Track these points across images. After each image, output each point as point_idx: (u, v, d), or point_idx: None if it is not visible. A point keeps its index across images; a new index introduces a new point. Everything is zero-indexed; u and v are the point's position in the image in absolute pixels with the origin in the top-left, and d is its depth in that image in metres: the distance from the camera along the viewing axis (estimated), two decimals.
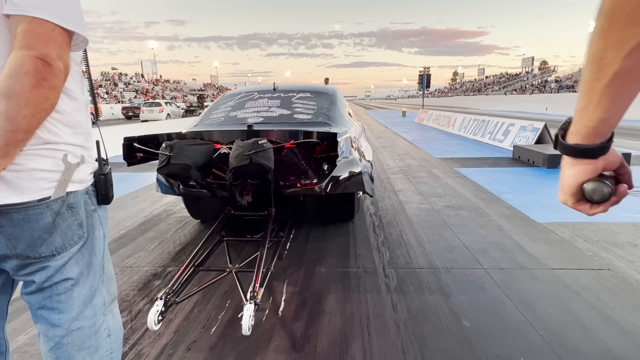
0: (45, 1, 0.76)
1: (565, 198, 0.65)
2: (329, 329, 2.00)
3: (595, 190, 0.60)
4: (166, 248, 3.16)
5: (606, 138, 0.57)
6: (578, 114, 0.57)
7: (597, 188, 0.60)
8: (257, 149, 2.25)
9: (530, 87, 51.51)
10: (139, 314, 2.17)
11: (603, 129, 0.56)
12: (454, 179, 5.53)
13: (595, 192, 0.60)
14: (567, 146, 0.61)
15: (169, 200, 4.66)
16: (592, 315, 2.05)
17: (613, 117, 0.54)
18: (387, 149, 8.96)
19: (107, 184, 1.00)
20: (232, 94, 4.06)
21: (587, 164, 0.60)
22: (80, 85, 0.94)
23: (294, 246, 3.13)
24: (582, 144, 0.58)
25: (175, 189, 2.95)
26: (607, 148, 0.58)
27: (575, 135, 0.59)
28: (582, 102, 0.56)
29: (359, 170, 2.93)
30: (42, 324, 0.94)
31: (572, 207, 0.66)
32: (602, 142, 0.57)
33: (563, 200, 0.66)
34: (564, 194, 0.65)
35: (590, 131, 0.56)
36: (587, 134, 0.57)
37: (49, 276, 0.90)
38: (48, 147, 0.84)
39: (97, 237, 1.00)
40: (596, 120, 0.55)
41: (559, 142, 0.62)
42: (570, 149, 0.60)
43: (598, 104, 0.53)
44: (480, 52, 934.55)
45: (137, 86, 50.91)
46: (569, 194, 0.63)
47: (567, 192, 0.64)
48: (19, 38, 0.74)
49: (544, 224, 3.49)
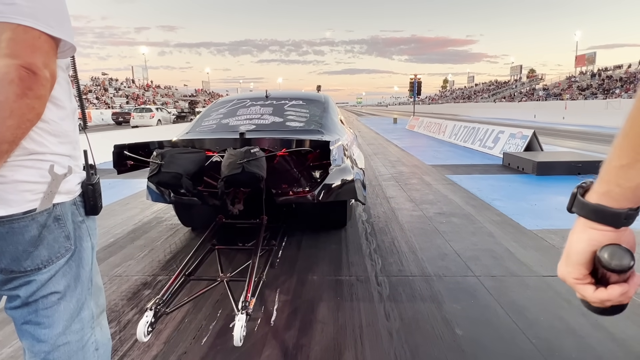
0: (31, 8, 0.74)
1: (569, 270, 0.54)
2: (321, 339, 1.98)
3: (614, 254, 0.49)
4: (156, 256, 3.11)
5: (636, 205, 0.49)
6: (615, 172, 0.48)
7: (615, 252, 0.49)
8: (250, 157, 2.24)
9: (519, 95, 52.32)
10: (128, 325, 2.13)
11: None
12: (445, 186, 5.57)
13: (614, 257, 0.49)
14: (588, 206, 0.51)
15: (159, 207, 4.60)
16: (583, 323, 2.06)
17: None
18: (379, 156, 9.00)
19: (95, 194, 0.98)
20: (224, 101, 4.05)
21: (607, 230, 0.50)
22: (68, 92, 0.92)
23: (286, 254, 3.11)
24: (608, 206, 0.49)
25: (166, 196, 2.92)
26: (632, 218, 0.49)
27: (602, 195, 0.50)
28: (624, 159, 0.47)
29: (351, 178, 2.93)
30: (27, 340, 0.91)
31: (573, 284, 0.54)
32: (630, 209, 0.48)
33: (564, 273, 0.55)
34: (568, 263, 0.54)
35: (627, 193, 0.48)
36: (620, 196, 0.48)
37: (34, 290, 0.87)
38: (33, 157, 0.82)
39: (85, 248, 0.97)
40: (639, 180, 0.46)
41: (577, 200, 0.53)
42: (592, 210, 0.51)
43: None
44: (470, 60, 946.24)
45: (127, 91, 50.53)
46: (577, 262, 0.53)
47: (574, 261, 0.53)
48: (2, 46, 0.72)
49: (534, 231, 3.52)
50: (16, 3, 0.72)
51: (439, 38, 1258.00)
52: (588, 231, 0.52)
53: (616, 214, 0.49)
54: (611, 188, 0.49)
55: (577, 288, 0.54)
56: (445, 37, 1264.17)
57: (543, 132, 14.91)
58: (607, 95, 32.51)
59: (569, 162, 6.17)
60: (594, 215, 0.51)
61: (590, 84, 40.15)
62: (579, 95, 36.84)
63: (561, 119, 24.70)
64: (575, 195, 0.53)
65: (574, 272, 0.53)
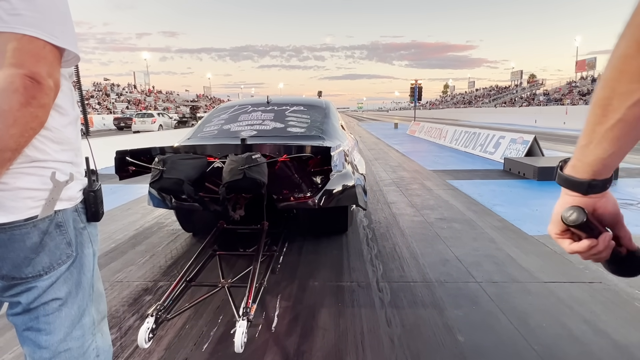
0: (36, 18, 0.75)
1: (551, 226, 0.67)
2: (322, 345, 1.97)
3: (570, 212, 0.61)
4: (157, 262, 3.11)
5: (599, 177, 0.60)
6: (578, 150, 0.61)
7: (572, 211, 0.60)
8: (251, 163, 2.25)
9: (519, 100, 52.39)
10: (129, 331, 2.12)
11: (597, 167, 0.59)
12: (446, 191, 5.56)
13: (570, 215, 0.60)
14: (562, 176, 0.64)
15: (160, 212, 4.61)
16: (585, 329, 2.05)
17: (609, 158, 0.58)
18: (380, 161, 9.00)
19: (97, 201, 0.98)
20: (225, 107, 4.07)
21: (575, 196, 0.63)
22: (71, 100, 0.92)
23: (287, 260, 3.10)
24: (575, 176, 0.62)
25: (168, 202, 2.93)
26: (596, 187, 0.61)
27: (571, 168, 0.63)
28: (583, 140, 0.60)
29: (352, 184, 2.93)
30: (29, 346, 0.91)
31: (555, 239, 0.67)
32: (592, 179, 0.60)
33: (549, 229, 0.68)
34: (551, 222, 0.67)
35: (585, 167, 0.60)
36: (581, 169, 0.61)
37: (35, 297, 0.87)
38: (35, 165, 0.82)
39: (86, 255, 0.97)
40: (593, 158, 0.58)
41: (557, 172, 0.66)
42: (563, 180, 0.64)
43: (598, 144, 0.57)
44: (470, 65, 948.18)
45: (129, 97, 50.77)
46: (554, 220, 0.66)
47: (554, 219, 0.66)
48: (8, 56, 0.73)
49: (536, 237, 3.51)
50: (21, 14, 0.73)
51: (438, 43, 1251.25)
52: (564, 197, 0.65)
53: (580, 183, 0.61)
54: (575, 163, 0.62)
55: (558, 241, 0.67)
56: (445, 43, 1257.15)
57: (544, 137, 14.91)
58: None
59: None
60: (566, 184, 0.63)
61: (590, 89, 40.20)
62: (580, 100, 36.86)
63: (562, 124, 24.70)
64: (557, 168, 0.67)
65: (554, 228, 0.66)
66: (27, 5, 0.74)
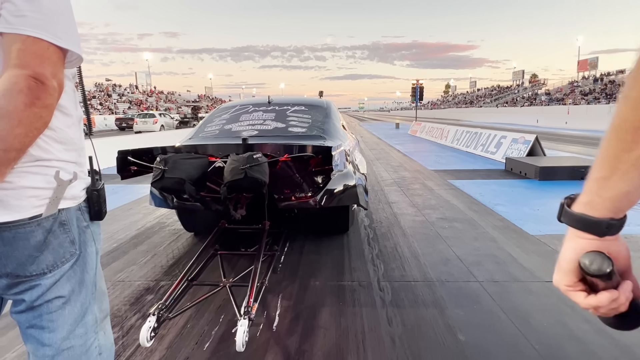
0: (40, 19, 0.76)
1: (560, 277, 0.56)
2: (323, 344, 1.98)
3: (593, 260, 0.51)
4: (159, 262, 3.12)
5: (618, 216, 0.51)
6: (595, 183, 0.51)
7: (595, 258, 0.51)
8: (252, 163, 2.25)
9: (521, 100, 52.30)
10: (131, 330, 2.13)
11: (620, 203, 0.50)
12: (447, 191, 5.56)
13: (594, 263, 0.51)
14: (573, 215, 0.54)
15: (162, 212, 4.62)
16: (587, 329, 2.05)
17: (636, 191, 0.49)
18: (381, 161, 9.00)
19: (100, 200, 0.99)
20: (227, 107, 4.08)
21: (590, 239, 0.53)
22: (74, 100, 0.93)
23: (288, 259, 3.11)
24: (590, 215, 0.52)
25: (169, 202, 2.93)
26: (614, 227, 0.52)
27: (584, 205, 0.53)
28: (602, 171, 0.50)
29: (353, 183, 2.94)
30: (32, 344, 0.92)
31: (565, 291, 0.56)
32: (611, 218, 0.51)
33: (557, 280, 0.57)
34: (559, 270, 0.56)
35: (605, 203, 0.51)
36: (600, 206, 0.51)
37: (39, 295, 0.88)
38: (39, 164, 0.83)
39: (89, 253, 0.98)
40: (616, 192, 0.49)
41: (564, 210, 0.56)
42: (575, 219, 0.54)
43: (624, 175, 0.48)
44: (471, 65, 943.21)
45: (131, 97, 50.87)
46: (565, 269, 0.55)
47: (564, 268, 0.55)
48: (12, 57, 0.74)
49: (537, 236, 3.51)
50: (26, 15, 0.74)
51: (440, 43, 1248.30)
52: (575, 239, 0.54)
53: (597, 223, 0.52)
54: (592, 198, 0.52)
55: (570, 295, 0.56)
56: (447, 43, 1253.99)
57: (545, 136, 14.89)
58: (609, 99, 32.45)
59: (571, 167, 6.15)
60: (578, 224, 0.53)
61: (592, 88, 40.12)
62: (582, 100, 36.79)
63: (564, 124, 24.67)
64: (563, 205, 0.56)
65: (564, 279, 0.56)
66: (31, 6, 0.74)
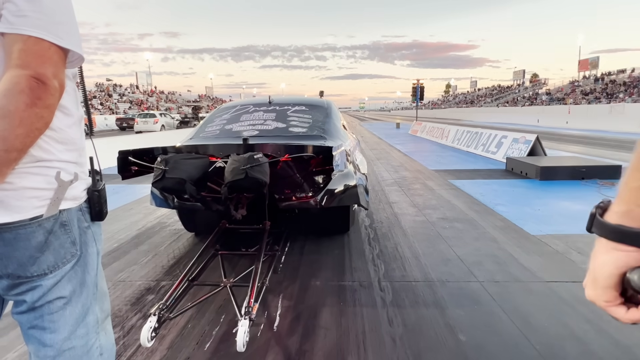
0: (41, 19, 0.76)
1: (599, 293, 0.53)
2: (324, 344, 1.98)
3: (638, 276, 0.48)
4: (160, 262, 3.13)
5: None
6: (634, 193, 0.48)
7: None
8: (253, 163, 2.25)
9: (522, 100, 52.24)
10: (132, 330, 2.14)
11: None
12: (448, 191, 5.56)
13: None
14: (608, 227, 0.50)
15: (163, 212, 4.62)
16: (587, 329, 2.05)
17: None
18: (382, 161, 9.00)
19: (100, 201, 0.99)
20: (227, 107, 4.08)
21: (632, 251, 0.49)
22: (75, 100, 0.93)
23: (288, 260, 3.11)
24: (630, 226, 0.48)
25: (170, 202, 2.94)
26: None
27: (622, 216, 0.49)
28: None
29: (354, 183, 2.94)
30: (33, 344, 0.92)
31: (605, 307, 0.53)
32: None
33: (594, 297, 0.54)
34: (596, 286, 0.53)
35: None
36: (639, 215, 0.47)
37: (40, 295, 0.88)
38: (40, 164, 0.83)
39: (90, 254, 0.98)
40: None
41: (596, 221, 0.52)
42: (612, 231, 0.50)
43: None
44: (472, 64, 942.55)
45: (131, 97, 50.89)
46: (605, 285, 0.52)
47: (603, 284, 0.52)
48: (14, 57, 0.74)
49: (538, 236, 3.51)
50: (27, 15, 0.74)
51: (440, 43, 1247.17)
52: (613, 252, 0.50)
53: (637, 234, 0.48)
54: (631, 208, 0.48)
55: (609, 310, 0.53)
56: (447, 42, 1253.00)
57: (546, 136, 14.87)
58: (610, 99, 32.42)
59: (572, 167, 6.14)
60: (616, 236, 0.50)
61: (593, 88, 40.07)
62: (583, 99, 36.75)
63: (564, 124, 24.64)
64: (594, 215, 0.53)
65: (604, 295, 0.53)
66: (32, 6, 0.75)
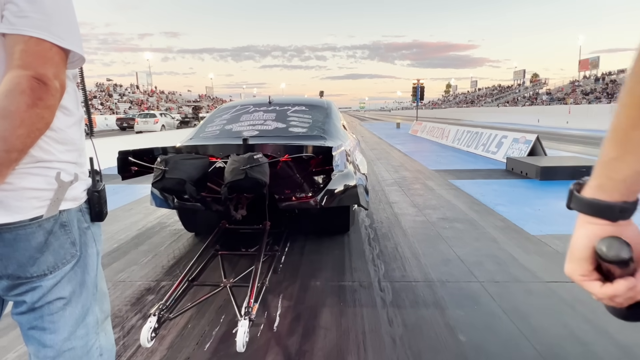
0: (43, 20, 0.76)
1: (574, 266, 0.54)
2: (324, 344, 1.98)
3: (611, 246, 0.48)
4: (160, 262, 3.13)
5: (631, 199, 0.49)
6: (605, 166, 0.50)
7: (612, 244, 0.48)
8: (253, 163, 2.25)
9: (522, 99, 52.23)
10: (132, 330, 2.14)
11: (632, 184, 0.49)
12: (448, 191, 5.56)
13: (611, 249, 0.48)
14: (583, 201, 0.52)
15: (163, 212, 4.62)
16: (587, 329, 2.05)
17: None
18: (382, 161, 9.00)
19: (100, 201, 0.99)
20: (227, 107, 4.08)
21: (604, 224, 0.50)
22: (75, 101, 0.93)
23: (288, 260, 3.11)
24: (602, 199, 0.50)
25: (170, 202, 2.94)
26: (628, 211, 0.50)
27: (595, 189, 0.51)
28: (612, 152, 0.49)
29: (354, 184, 2.94)
30: (33, 345, 0.92)
31: (580, 281, 0.54)
32: (624, 201, 0.49)
33: (570, 270, 0.55)
34: (572, 259, 0.54)
35: (618, 185, 0.49)
36: (611, 189, 0.49)
37: (40, 296, 0.88)
38: (40, 165, 0.83)
39: (90, 254, 0.98)
40: (628, 172, 0.48)
41: (573, 196, 0.54)
42: (586, 205, 0.52)
43: (635, 154, 0.47)
44: (472, 64, 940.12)
45: (132, 97, 50.90)
46: (579, 257, 0.53)
47: (577, 256, 0.53)
48: (15, 57, 0.74)
49: (538, 237, 3.51)
50: (28, 16, 0.74)
51: (440, 43, 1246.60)
52: (587, 226, 0.52)
53: (610, 207, 0.50)
54: (603, 181, 0.50)
55: (584, 285, 0.54)
56: (447, 42, 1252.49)
57: (546, 136, 14.87)
58: (611, 99, 32.39)
59: (572, 167, 6.14)
60: (590, 209, 0.51)
61: (594, 88, 40.06)
62: (583, 99, 36.73)
63: (565, 124, 24.63)
64: (572, 191, 0.54)
65: (578, 268, 0.53)
66: (34, 7, 0.75)
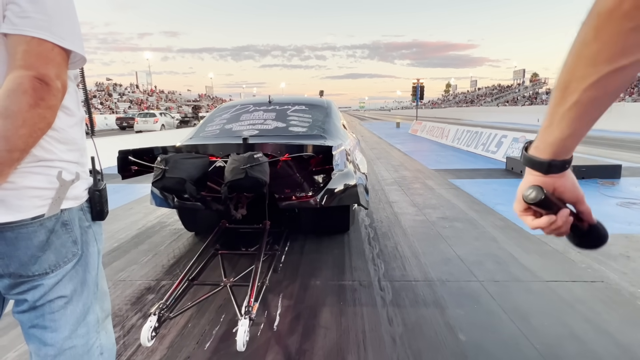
0: (44, 20, 0.76)
1: (516, 204, 0.71)
2: (324, 344, 1.98)
3: (530, 191, 0.64)
4: (160, 261, 3.13)
5: (559, 158, 0.64)
6: (541, 132, 0.65)
7: (532, 190, 0.64)
8: (253, 162, 2.26)
9: (522, 99, 52.23)
10: (132, 329, 2.14)
11: (557, 147, 0.63)
12: (448, 191, 5.56)
13: (530, 193, 0.64)
14: (525, 156, 0.68)
15: (163, 212, 4.62)
16: (587, 328, 2.05)
17: (568, 139, 0.61)
18: (382, 160, 9.00)
19: (102, 200, 1.00)
20: (227, 106, 4.08)
21: (537, 175, 0.66)
22: (76, 101, 0.94)
23: (288, 259, 3.11)
24: (537, 156, 0.65)
25: (170, 201, 2.94)
26: (555, 167, 0.64)
27: (534, 149, 0.66)
28: (545, 122, 0.63)
29: (354, 183, 2.94)
30: (34, 343, 0.92)
31: (519, 216, 0.71)
32: (552, 159, 0.64)
33: (514, 207, 0.72)
34: (516, 200, 0.71)
35: (547, 147, 0.64)
36: (543, 149, 0.64)
37: (41, 295, 0.89)
38: (42, 164, 0.84)
39: (91, 253, 0.99)
40: (553, 138, 0.62)
41: (522, 154, 0.70)
42: (527, 159, 0.67)
43: (557, 125, 0.61)
44: (472, 64, 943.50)
45: (131, 97, 50.87)
46: (517, 199, 0.69)
47: (518, 197, 0.69)
48: (17, 58, 0.74)
49: (538, 236, 3.51)
50: (30, 16, 0.74)
51: (440, 42, 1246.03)
52: (528, 176, 0.68)
53: (541, 163, 0.64)
54: (539, 144, 0.65)
55: (521, 218, 0.70)
56: (447, 42, 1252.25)
57: None
58: None
59: (572, 167, 6.12)
60: (529, 163, 0.67)
61: None
62: None
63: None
64: (522, 149, 0.70)
65: (517, 205, 0.70)
66: (36, 7, 0.75)
